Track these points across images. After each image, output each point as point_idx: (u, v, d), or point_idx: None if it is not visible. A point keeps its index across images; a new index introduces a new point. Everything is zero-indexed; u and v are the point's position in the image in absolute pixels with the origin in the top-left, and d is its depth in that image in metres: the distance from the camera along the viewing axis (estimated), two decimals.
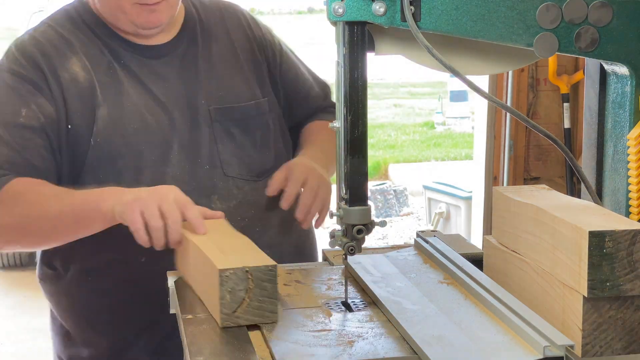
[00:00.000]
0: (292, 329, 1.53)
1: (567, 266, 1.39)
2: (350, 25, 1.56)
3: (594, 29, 1.60)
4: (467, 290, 1.64)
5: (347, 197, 1.59)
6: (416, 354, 1.40)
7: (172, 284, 1.78)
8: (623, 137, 1.67)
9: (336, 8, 1.54)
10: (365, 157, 1.59)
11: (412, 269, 1.81)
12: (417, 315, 1.53)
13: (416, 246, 1.96)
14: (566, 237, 1.39)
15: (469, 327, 1.47)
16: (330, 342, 1.47)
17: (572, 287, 1.38)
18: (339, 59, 1.58)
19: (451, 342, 1.41)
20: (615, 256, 1.32)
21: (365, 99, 1.58)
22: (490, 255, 1.73)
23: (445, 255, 1.82)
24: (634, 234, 1.32)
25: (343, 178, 1.60)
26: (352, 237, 1.58)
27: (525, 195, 1.59)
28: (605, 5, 1.59)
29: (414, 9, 1.56)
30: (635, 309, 1.36)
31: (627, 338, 1.37)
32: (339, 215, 1.60)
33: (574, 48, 1.60)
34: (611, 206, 1.71)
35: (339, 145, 1.61)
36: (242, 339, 1.48)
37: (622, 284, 1.33)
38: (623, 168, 1.67)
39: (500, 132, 5.13)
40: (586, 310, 1.36)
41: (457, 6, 1.58)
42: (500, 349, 1.38)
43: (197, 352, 1.43)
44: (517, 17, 1.59)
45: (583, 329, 1.36)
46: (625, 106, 1.67)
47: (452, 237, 2.03)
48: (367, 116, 1.59)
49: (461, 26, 1.59)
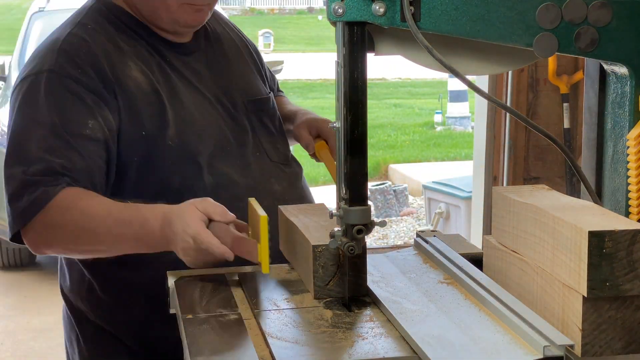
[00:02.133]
0: (291, 327, 1.54)
1: (567, 266, 1.39)
2: (350, 25, 1.56)
3: (593, 29, 1.60)
4: (467, 290, 1.64)
5: (347, 197, 1.59)
6: (416, 354, 1.40)
7: (172, 284, 1.78)
8: (623, 138, 1.67)
9: (336, 8, 1.54)
10: (365, 157, 1.59)
11: (412, 269, 1.81)
12: (417, 315, 1.53)
13: (416, 246, 1.96)
14: (566, 237, 1.39)
15: (469, 327, 1.47)
16: (330, 341, 1.47)
17: (572, 287, 1.38)
18: (339, 59, 1.58)
19: (451, 342, 1.41)
20: (614, 256, 1.32)
21: (365, 99, 1.58)
22: (490, 255, 1.73)
23: (445, 255, 1.82)
24: (633, 234, 1.32)
25: (343, 178, 1.60)
26: (352, 237, 1.59)
27: (525, 195, 1.59)
28: (604, 6, 1.59)
29: (413, 9, 1.56)
30: (634, 309, 1.37)
31: (627, 338, 1.37)
32: (339, 215, 1.60)
33: (574, 48, 1.60)
34: (611, 206, 1.71)
35: (339, 145, 1.61)
36: (242, 339, 1.48)
37: (622, 284, 1.33)
38: (623, 168, 1.67)
39: (500, 132, 5.13)
40: (586, 310, 1.36)
41: (457, 6, 1.58)
42: (500, 349, 1.38)
43: (197, 352, 1.43)
44: (517, 17, 1.59)
45: (583, 329, 1.36)
46: (624, 106, 1.67)
47: (452, 237, 2.03)
48: (367, 116, 1.59)
49: (461, 26, 1.59)
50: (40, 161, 1.91)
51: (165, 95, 2.03)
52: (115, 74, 1.99)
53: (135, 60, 2.04)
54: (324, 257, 1.66)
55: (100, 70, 1.98)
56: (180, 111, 2.04)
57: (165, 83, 2.05)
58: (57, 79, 1.97)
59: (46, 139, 1.93)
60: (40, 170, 1.90)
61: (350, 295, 1.66)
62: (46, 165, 1.90)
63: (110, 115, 1.97)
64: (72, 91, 1.96)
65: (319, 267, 1.66)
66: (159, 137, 2.00)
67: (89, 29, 2.04)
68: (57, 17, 7.89)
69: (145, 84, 2.02)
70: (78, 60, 1.98)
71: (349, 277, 1.66)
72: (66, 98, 1.96)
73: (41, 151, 1.92)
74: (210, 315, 1.60)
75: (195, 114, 2.07)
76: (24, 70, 2.05)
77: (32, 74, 2.01)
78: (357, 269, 1.67)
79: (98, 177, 1.96)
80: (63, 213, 1.88)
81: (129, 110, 1.99)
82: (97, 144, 1.95)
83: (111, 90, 1.98)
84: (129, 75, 2.00)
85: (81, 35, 2.03)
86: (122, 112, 1.98)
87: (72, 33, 2.04)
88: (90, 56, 1.99)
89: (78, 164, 1.92)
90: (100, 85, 1.97)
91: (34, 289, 6.71)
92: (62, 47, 2.01)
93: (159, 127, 2.01)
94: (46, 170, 1.90)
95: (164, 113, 2.01)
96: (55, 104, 1.96)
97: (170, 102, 2.03)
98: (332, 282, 1.66)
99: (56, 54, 1.99)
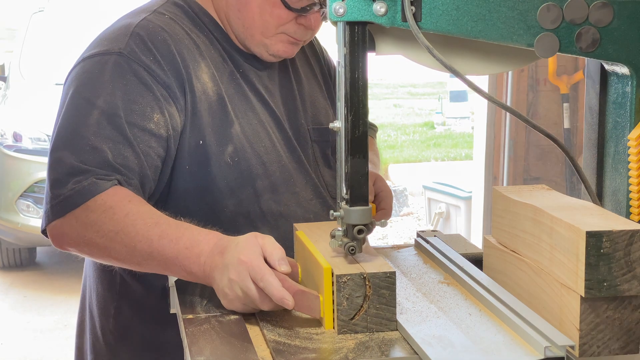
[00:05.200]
0: (291, 327, 1.53)
1: (565, 266, 1.39)
2: (351, 25, 1.56)
3: (594, 29, 1.60)
4: (467, 290, 1.64)
5: (348, 197, 1.59)
6: (416, 354, 1.40)
7: (172, 284, 1.78)
8: (623, 138, 1.67)
9: (337, 8, 1.54)
10: (366, 157, 1.59)
11: (412, 269, 1.81)
12: (417, 315, 1.53)
13: (416, 246, 1.96)
14: (564, 237, 1.39)
15: (469, 327, 1.47)
16: (330, 341, 1.47)
17: (570, 287, 1.38)
18: (340, 58, 1.58)
19: (451, 342, 1.41)
20: (612, 256, 1.33)
21: (366, 99, 1.58)
22: (489, 255, 1.73)
23: (445, 255, 1.82)
24: (631, 234, 1.32)
25: (344, 178, 1.60)
26: (353, 237, 1.58)
27: (524, 195, 1.59)
28: (606, 6, 1.59)
29: (414, 9, 1.56)
30: (632, 309, 1.37)
31: (625, 338, 1.37)
32: (339, 216, 1.60)
33: (575, 48, 1.60)
34: (611, 206, 1.71)
35: (339, 145, 1.61)
36: (242, 339, 1.48)
37: (619, 284, 1.33)
38: (623, 168, 1.67)
39: (500, 132, 5.14)
40: (583, 310, 1.36)
41: (458, 6, 1.58)
42: (500, 349, 1.38)
43: (197, 352, 1.43)
44: (518, 17, 1.59)
45: (580, 329, 1.36)
46: (625, 106, 1.67)
47: (452, 237, 2.03)
48: (367, 116, 1.59)
49: (462, 26, 1.59)
50: (94, 149, 1.73)
51: (232, 108, 1.88)
52: (187, 71, 1.84)
53: (208, 63, 1.89)
54: (348, 287, 1.49)
55: (174, 63, 1.83)
56: (249, 128, 1.90)
57: (236, 95, 1.90)
58: (126, 63, 1.79)
59: (103, 126, 1.75)
60: (92, 159, 1.72)
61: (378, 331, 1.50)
62: (100, 155, 1.72)
63: (177, 114, 1.82)
64: (141, 79, 1.79)
65: (343, 299, 1.48)
66: (217, 151, 1.85)
67: (166, 18, 1.89)
68: (57, 17, 7.91)
69: (211, 91, 1.86)
70: (152, 48, 1.82)
71: (376, 310, 1.49)
72: (134, 85, 1.78)
73: (97, 138, 1.73)
74: (211, 315, 1.60)
75: (263, 134, 1.92)
76: (86, 52, 1.87)
77: (98, 54, 1.83)
78: (386, 301, 1.50)
79: (151, 177, 1.79)
80: (106, 211, 1.69)
81: (192, 113, 1.84)
82: (158, 141, 1.79)
83: (181, 87, 1.83)
84: (199, 77, 1.85)
85: (157, 23, 1.87)
86: (187, 113, 1.83)
87: (147, 19, 1.87)
88: (165, 46, 1.83)
89: (132, 161, 1.75)
90: (172, 79, 1.82)
91: (34, 289, 6.71)
92: (135, 30, 1.83)
93: (218, 140, 1.85)
94: (99, 160, 1.72)
95: (226, 126, 1.86)
96: (121, 89, 1.78)
97: (238, 117, 1.89)
98: (358, 316, 1.49)
99: (128, 37, 1.82)
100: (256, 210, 1.90)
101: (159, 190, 1.86)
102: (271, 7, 1.88)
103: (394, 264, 1.84)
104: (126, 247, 1.69)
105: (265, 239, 1.59)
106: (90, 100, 1.78)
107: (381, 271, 1.49)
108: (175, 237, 1.65)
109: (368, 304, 1.48)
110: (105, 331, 1.98)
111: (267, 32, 1.90)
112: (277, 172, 1.92)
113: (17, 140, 6.80)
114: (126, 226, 1.68)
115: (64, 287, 6.64)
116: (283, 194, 1.93)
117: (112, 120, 1.75)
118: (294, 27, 1.90)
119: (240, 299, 1.57)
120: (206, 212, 1.84)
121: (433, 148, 12.28)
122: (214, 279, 1.60)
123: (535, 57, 1.64)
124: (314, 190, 1.99)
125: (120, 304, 1.96)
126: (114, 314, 1.96)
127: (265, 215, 1.91)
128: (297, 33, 1.92)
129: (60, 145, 1.76)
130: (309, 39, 1.98)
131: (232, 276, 1.56)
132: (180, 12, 1.93)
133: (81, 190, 1.69)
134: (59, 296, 6.46)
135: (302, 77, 2.09)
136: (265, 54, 1.94)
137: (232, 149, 1.87)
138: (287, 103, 2.02)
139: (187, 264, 1.64)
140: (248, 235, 1.61)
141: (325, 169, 2.05)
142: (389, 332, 1.49)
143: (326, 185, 2.03)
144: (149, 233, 1.67)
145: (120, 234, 1.68)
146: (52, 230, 1.75)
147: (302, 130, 2.02)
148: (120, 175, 1.73)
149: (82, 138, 1.74)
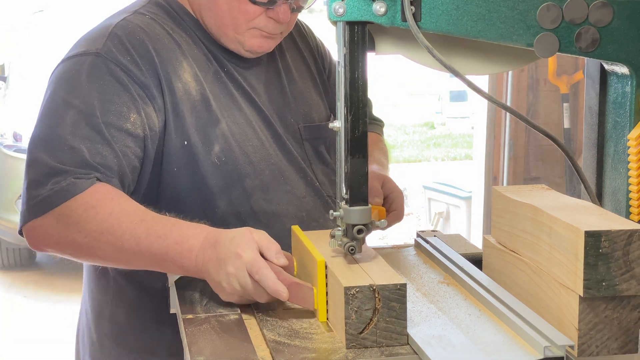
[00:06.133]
0: (291, 327, 1.53)
1: (564, 266, 1.39)
2: (350, 25, 1.56)
3: (594, 29, 1.60)
4: (467, 290, 1.64)
5: (348, 197, 1.59)
6: (416, 354, 1.40)
7: (172, 284, 1.78)
8: (623, 138, 1.67)
9: (337, 8, 1.54)
10: (365, 157, 1.59)
11: (412, 269, 1.81)
12: (417, 315, 1.53)
13: (416, 246, 1.96)
14: (563, 236, 1.39)
15: (470, 327, 1.47)
16: (330, 342, 1.47)
17: (569, 287, 1.38)
18: (340, 58, 1.58)
19: (451, 342, 1.41)
20: (611, 256, 1.33)
21: (366, 98, 1.58)
22: (489, 255, 1.73)
23: (445, 255, 1.82)
24: (630, 234, 1.32)
25: (343, 178, 1.60)
26: (353, 237, 1.58)
27: (523, 195, 1.59)
28: (605, 6, 1.59)
29: (414, 9, 1.56)
30: (631, 309, 1.37)
31: (623, 338, 1.37)
32: (339, 215, 1.60)
33: (575, 48, 1.61)
34: (611, 206, 1.71)
35: (339, 145, 1.61)
36: (242, 339, 1.48)
37: (618, 283, 1.34)
38: (623, 168, 1.67)
39: (500, 132, 5.14)
40: (582, 310, 1.36)
41: (458, 6, 1.58)
42: (500, 349, 1.38)
43: (197, 352, 1.43)
44: (518, 17, 1.59)
45: (579, 329, 1.36)
46: (625, 106, 1.67)
47: (452, 237, 2.03)
48: (367, 116, 1.59)
49: (461, 26, 1.59)
50: (72, 149, 1.72)
51: (217, 107, 1.88)
52: (166, 70, 1.84)
53: (191, 63, 1.89)
54: (357, 300, 1.44)
55: (152, 63, 1.83)
56: (235, 128, 1.89)
57: (220, 94, 1.90)
58: (103, 63, 1.80)
59: (81, 127, 1.74)
60: (70, 159, 1.72)
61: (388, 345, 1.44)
62: (78, 154, 1.72)
63: (154, 114, 1.82)
64: (118, 79, 1.79)
65: (351, 312, 1.43)
66: (203, 151, 1.85)
67: (146, 18, 1.90)
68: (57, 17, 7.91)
69: (194, 90, 1.86)
70: (129, 47, 1.82)
71: (386, 323, 1.44)
72: (110, 85, 1.79)
73: (74, 138, 1.73)
74: (211, 315, 1.60)
75: (251, 133, 1.91)
76: (66, 54, 1.87)
77: (76, 55, 1.83)
78: (396, 315, 1.44)
79: (130, 177, 1.79)
80: (87, 210, 1.68)
81: (173, 113, 1.83)
82: (135, 141, 1.78)
83: (159, 87, 1.83)
84: (180, 76, 1.85)
85: (137, 23, 1.87)
86: (168, 113, 1.83)
87: (127, 19, 1.88)
88: (143, 45, 1.84)
89: (110, 160, 1.74)
90: (149, 79, 1.82)
91: (34, 289, 6.71)
92: (114, 31, 1.84)
93: (203, 140, 1.85)
94: (77, 160, 1.72)
95: (211, 126, 1.86)
96: (97, 89, 1.78)
97: (224, 116, 1.88)
98: (367, 330, 1.43)
99: (106, 38, 1.83)
100: (247, 210, 1.90)
101: (150, 192, 1.85)
102: (238, 3, 1.88)
103: (394, 264, 1.84)
104: (112, 246, 1.68)
105: (261, 234, 1.62)
106: (67, 100, 1.78)
107: (391, 283, 1.44)
108: (163, 233, 1.66)
109: (377, 317, 1.43)
110: (100, 335, 1.98)
111: (238, 29, 1.89)
112: (266, 171, 1.92)
113: (17, 140, 6.81)
114: (111, 225, 1.67)
115: (63, 287, 6.64)
116: (274, 193, 1.93)
117: (89, 121, 1.76)
118: (264, 21, 1.90)
119: (238, 292, 1.59)
120: (198, 213, 1.83)
121: (433, 148, 12.28)
122: (209, 272, 1.62)
123: (535, 57, 1.64)
124: (307, 187, 1.99)
125: (115, 308, 1.96)
126: (108, 318, 1.97)
127: (257, 214, 1.91)
128: (268, 27, 1.91)
129: (38, 146, 1.76)
130: (286, 32, 1.97)
131: (229, 270, 1.58)
132: (162, 13, 1.94)
133: (60, 190, 1.69)
134: (59, 296, 6.47)
135: (294, 73, 2.08)
136: (242, 50, 1.94)
137: (218, 149, 1.87)
138: (276, 100, 2.01)
139: (178, 259, 1.65)
140: (242, 229, 1.63)
141: (319, 165, 2.04)
142: (399, 346, 1.44)
143: (319, 182, 2.02)
144: (136, 231, 1.67)
145: (105, 233, 1.68)
146: (28, 230, 1.75)
147: (293, 128, 2.01)
148: (100, 173, 1.73)
149: (59, 138, 1.74)
